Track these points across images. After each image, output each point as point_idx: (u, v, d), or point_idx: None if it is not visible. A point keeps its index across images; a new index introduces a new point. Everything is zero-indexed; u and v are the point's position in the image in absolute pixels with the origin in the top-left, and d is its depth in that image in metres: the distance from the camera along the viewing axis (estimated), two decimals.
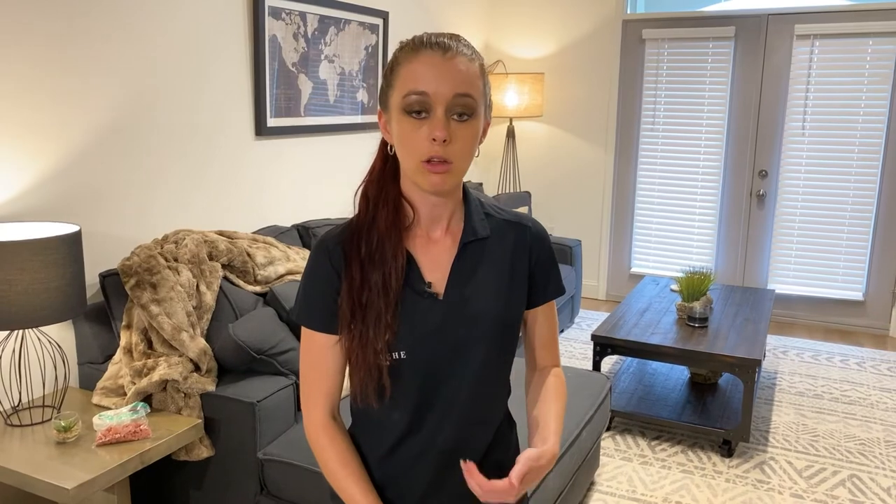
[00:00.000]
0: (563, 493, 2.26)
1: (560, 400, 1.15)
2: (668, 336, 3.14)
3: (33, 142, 2.27)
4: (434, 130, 0.98)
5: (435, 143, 0.98)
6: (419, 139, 0.99)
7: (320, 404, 1.09)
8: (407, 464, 1.10)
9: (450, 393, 1.08)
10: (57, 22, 2.30)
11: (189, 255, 2.44)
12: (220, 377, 2.29)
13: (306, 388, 1.10)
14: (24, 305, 1.93)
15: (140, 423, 2.03)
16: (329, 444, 1.08)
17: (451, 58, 0.99)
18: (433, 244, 1.10)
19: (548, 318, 1.20)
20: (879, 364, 4.11)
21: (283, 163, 3.43)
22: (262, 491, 2.18)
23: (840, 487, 2.79)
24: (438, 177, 1.00)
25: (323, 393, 1.09)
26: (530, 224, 1.16)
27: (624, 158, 5.17)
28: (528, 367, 1.23)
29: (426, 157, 0.99)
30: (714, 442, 3.14)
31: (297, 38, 3.36)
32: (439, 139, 0.98)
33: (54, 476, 1.82)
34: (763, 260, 4.89)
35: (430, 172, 1.00)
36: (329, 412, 1.10)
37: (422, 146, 0.99)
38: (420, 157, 0.99)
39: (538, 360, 1.22)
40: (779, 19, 4.61)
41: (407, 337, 1.06)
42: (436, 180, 1.00)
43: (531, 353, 1.22)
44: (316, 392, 1.09)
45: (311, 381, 1.10)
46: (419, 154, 0.99)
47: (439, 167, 0.99)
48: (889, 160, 4.47)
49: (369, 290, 1.04)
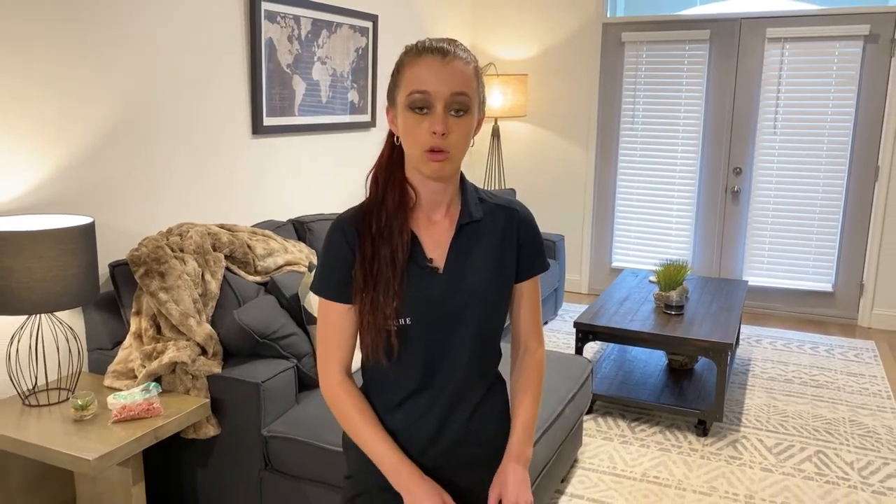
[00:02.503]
0: (549, 465, 2.42)
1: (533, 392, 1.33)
2: (646, 323, 3.32)
3: (46, 139, 2.40)
4: (434, 125, 1.13)
5: (435, 136, 1.14)
6: (421, 132, 1.15)
7: (336, 364, 1.24)
8: (415, 415, 1.25)
9: (452, 354, 1.23)
10: (69, 24, 2.42)
11: (194, 245, 2.58)
12: (225, 360, 2.42)
13: (323, 351, 1.25)
14: (43, 291, 2.06)
15: (152, 402, 2.16)
16: (346, 395, 1.23)
17: (449, 61, 1.15)
18: (434, 225, 1.26)
19: (532, 295, 1.35)
20: (847, 351, 4.32)
21: (279, 160, 3.57)
22: (267, 466, 2.32)
23: (807, 462, 2.97)
24: (438, 164, 1.15)
25: (338, 355, 1.24)
26: (518, 208, 1.32)
27: (604, 157, 5.36)
28: (514, 345, 1.38)
29: (427, 148, 1.15)
30: (690, 422, 3.32)
31: (292, 40, 3.51)
32: (439, 132, 1.13)
33: (75, 449, 1.95)
34: (738, 253, 5.10)
35: (431, 160, 1.15)
36: (344, 371, 1.25)
37: (424, 138, 1.15)
38: (422, 148, 1.15)
39: (522, 337, 1.36)
40: (751, 23, 4.82)
41: (412, 305, 1.21)
42: (435, 167, 1.16)
43: (517, 330, 1.37)
44: (332, 354, 1.24)
45: (327, 345, 1.25)
46: (421, 145, 1.15)
47: (438, 156, 1.15)
48: (856, 157, 4.69)
49: (379, 262, 1.19)
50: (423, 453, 1.26)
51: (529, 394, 1.32)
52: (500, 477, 1.26)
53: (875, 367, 4.07)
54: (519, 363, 1.36)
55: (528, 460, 1.27)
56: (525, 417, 1.31)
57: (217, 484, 2.39)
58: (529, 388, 1.33)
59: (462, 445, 1.27)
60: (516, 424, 1.31)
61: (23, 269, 2.02)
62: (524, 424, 1.31)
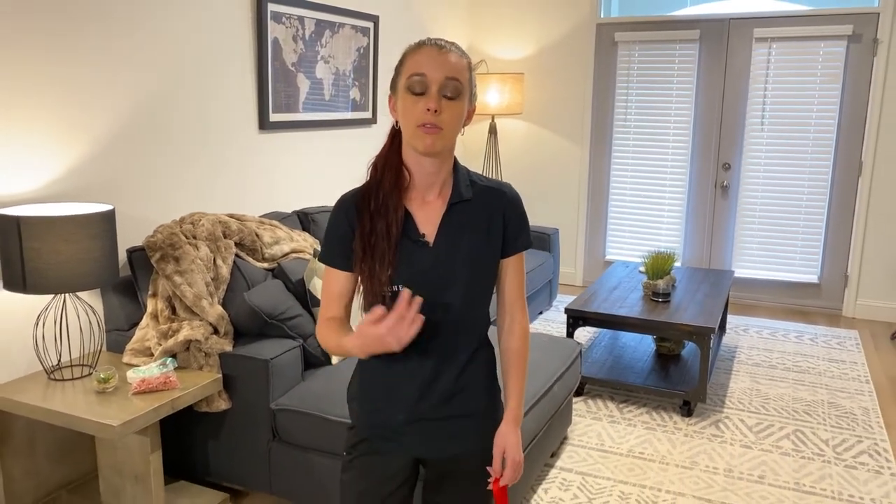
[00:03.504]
0: (538, 437, 2.59)
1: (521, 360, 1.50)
2: (634, 309, 3.49)
3: (70, 133, 2.57)
4: (429, 102, 1.30)
5: (429, 113, 1.30)
6: (417, 110, 1.31)
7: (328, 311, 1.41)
8: (407, 371, 1.42)
9: (439, 317, 1.40)
10: (90, 27, 2.59)
11: (206, 233, 2.75)
12: (236, 340, 2.59)
13: (323, 308, 1.42)
14: (68, 272, 2.23)
15: (169, 376, 2.33)
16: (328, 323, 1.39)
17: (445, 52, 1.32)
18: (427, 205, 1.42)
19: (517, 269, 1.51)
20: (830, 339, 4.49)
21: (284, 155, 3.74)
22: (275, 438, 2.49)
23: (785, 440, 3.14)
24: (430, 138, 1.32)
25: (334, 311, 1.41)
26: (506, 190, 1.48)
27: (598, 153, 5.53)
28: (500, 315, 1.54)
29: (421, 123, 1.31)
30: (675, 404, 3.49)
31: (296, 40, 3.67)
32: (432, 109, 1.30)
33: (100, 417, 2.12)
34: (727, 247, 5.26)
35: (425, 135, 1.32)
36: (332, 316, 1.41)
37: (419, 114, 1.31)
38: (416, 123, 1.31)
39: (508, 308, 1.52)
40: (739, 23, 4.99)
41: (405, 274, 1.37)
42: (428, 141, 1.32)
43: (502, 301, 1.53)
44: (330, 310, 1.41)
45: (327, 303, 1.42)
46: (416, 120, 1.31)
47: (431, 130, 1.31)
48: (840, 153, 4.85)
49: (376, 235, 1.36)
50: (416, 404, 1.42)
51: (518, 362, 1.49)
52: (502, 438, 1.44)
53: (856, 354, 4.23)
54: (506, 332, 1.52)
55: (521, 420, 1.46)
56: (517, 384, 1.47)
57: (228, 455, 2.56)
58: (517, 356, 1.49)
59: (451, 399, 1.44)
60: (510, 392, 1.47)
61: (50, 252, 2.19)
62: (517, 391, 1.47)
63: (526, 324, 1.52)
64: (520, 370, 1.49)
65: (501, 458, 1.44)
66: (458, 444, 1.45)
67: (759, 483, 2.78)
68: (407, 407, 1.42)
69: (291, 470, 2.46)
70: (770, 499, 2.67)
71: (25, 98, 2.41)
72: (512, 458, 1.43)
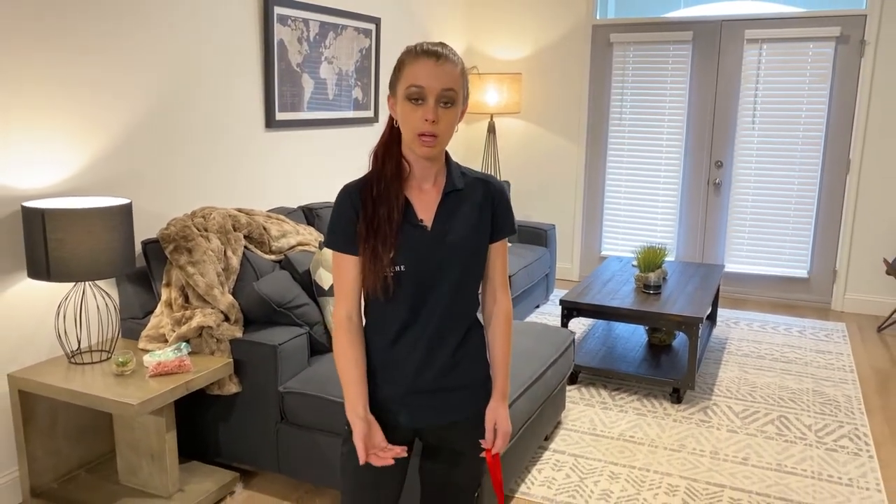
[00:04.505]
0: (531, 419, 2.73)
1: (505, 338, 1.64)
2: (626, 300, 3.63)
3: (87, 131, 2.71)
4: (426, 114, 1.44)
5: (427, 123, 1.44)
6: (416, 119, 1.45)
7: (343, 305, 1.55)
8: (407, 347, 1.55)
9: (436, 296, 1.54)
10: (106, 28, 2.74)
11: (217, 226, 2.89)
12: (245, 327, 2.73)
13: (338, 302, 1.55)
14: (90, 261, 2.37)
15: (183, 359, 2.47)
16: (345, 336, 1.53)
17: (441, 63, 1.45)
18: (424, 193, 1.56)
19: (501, 253, 1.65)
20: (818, 332, 4.63)
21: (289, 152, 3.88)
22: (283, 419, 2.63)
23: (769, 425, 3.28)
24: (428, 147, 1.46)
25: (346, 295, 1.55)
26: (493, 181, 1.62)
27: (594, 151, 5.67)
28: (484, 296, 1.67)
29: (420, 132, 1.45)
30: (665, 391, 3.63)
31: (301, 41, 3.81)
32: (430, 120, 1.43)
33: (119, 396, 2.26)
34: (719, 242, 5.40)
35: (423, 144, 1.45)
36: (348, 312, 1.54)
37: (417, 124, 1.45)
38: (416, 132, 1.45)
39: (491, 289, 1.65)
40: (731, 25, 5.13)
41: (405, 255, 1.51)
42: (426, 149, 1.46)
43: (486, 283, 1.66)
44: (342, 294, 1.55)
45: (339, 287, 1.55)
46: (415, 129, 1.45)
47: (430, 140, 1.45)
48: (829, 151, 4.99)
49: (378, 220, 1.50)
50: (414, 379, 1.56)
51: (503, 341, 1.63)
52: (492, 412, 1.59)
53: (843, 345, 4.37)
54: (490, 312, 1.66)
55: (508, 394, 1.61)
56: (503, 362, 1.62)
57: (238, 436, 2.70)
58: (502, 335, 1.64)
59: (446, 374, 1.58)
60: (497, 369, 1.62)
61: (73, 242, 2.33)
62: (503, 368, 1.62)
63: (509, 305, 1.66)
64: (505, 348, 1.63)
65: (493, 429, 1.58)
66: (455, 413, 1.59)
67: (743, 464, 2.92)
68: (406, 381, 1.56)
69: (298, 450, 2.60)
70: (752, 478, 2.81)
71: (50, 98, 2.55)
72: (503, 428, 1.58)
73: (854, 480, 2.80)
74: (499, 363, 1.62)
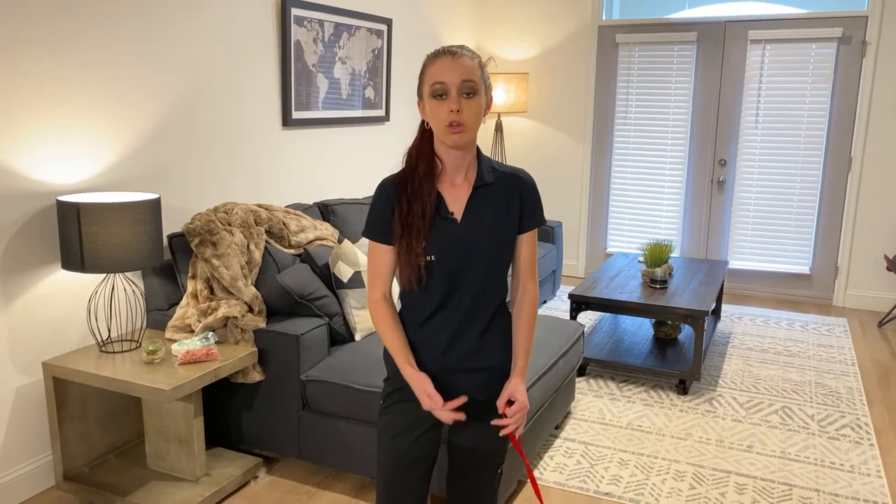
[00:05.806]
0: (544, 407, 2.82)
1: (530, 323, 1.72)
2: (634, 294, 3.73)
3: (117, 129, 2.81)
4: (451, 104, 1.54)
5: (452, 113, 1.54)
6: (443, 112, 1.55)
7: (377, 289, 1.65)
8: (436, 329, 1.65)
9: (466, 283, 1.64)
10: (131, 30, 2.84)
11: (239, 220, 2.99)
12: (268, 318, 2.83)
13: (370, 279, 1.66)
14: (122, 253, 2.47)
15: (211, 348, 2.57)
16: (383, 311, 1.64)
17: (458, 59, 1.55)
18: (455, 187, 1.66)
19: (530, 244, 1.75)
20: (820, 327, 4.72)
21: (305, 150, 3.98)
22: (304, 407, 2.73)
23: (773, 415, 3.38)
24: (457, 135, 1.56)
25: (379, 282, 1.65)
26: (523, 175, 1.72)
27: (600, 149, 5.77)
28: (514, 284, 1.78)
29: (448, 123, 1.55)
30: (672, 383, 3.73)
31: (316, 42, 3.91)
32: (454, 110, 1.54)
33: (151, 382, 2.36)
34: (723, 239, 5.50)
35: (451, 132, 1.55)
36: (383, 294, 1.65)
37: (444, 116, 1.55)
38: (444, 123, 1.55)
39: (521, 277, 1.76)
40: (735, 26, 5.22)
41: (436, 245, 1.61)
42: (455, 137, 1.56)
43: (516, 271, 1.77)
44: (375, 282, 1.65)
45: (373, 273, 1.65)
46: (443, 121, 1.55)
47: (457, 128, 1.55)
48: (830, 150, 5.09)
49: (412, 215, 1.60)
50: (441, 358, 1.66)
51: (527, 325, 1.72)
52: (511, 385, 1.66)
53: (844, 339, 4.47)
54: (518, 298, 1.75)
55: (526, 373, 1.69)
56: (525, 344, 1.71)
57: (261, 423, 2.80)
58: (527, 320, 1.73)
59: (472, 355, 1.68)
60: (519, 349, 1.70)
61: (107, 235, 2.43)
62: (524, 349, 1.71)
63: (536, 292, 1.75)
64: (528, 332, 1.72)
65: (507, 399, 1.66)
66: (481, 393, 1.69)
67: (748, 452, 3.02)
68: (435, 359, 1.66)
69: (319, 436, 2.70)
70: (757, 464, 2.91)
71: (82, 97, 2.65)
72: (520, 401, 1.64)
73: (856, 467, 2.90)
74: (521, 343, 1.71)
